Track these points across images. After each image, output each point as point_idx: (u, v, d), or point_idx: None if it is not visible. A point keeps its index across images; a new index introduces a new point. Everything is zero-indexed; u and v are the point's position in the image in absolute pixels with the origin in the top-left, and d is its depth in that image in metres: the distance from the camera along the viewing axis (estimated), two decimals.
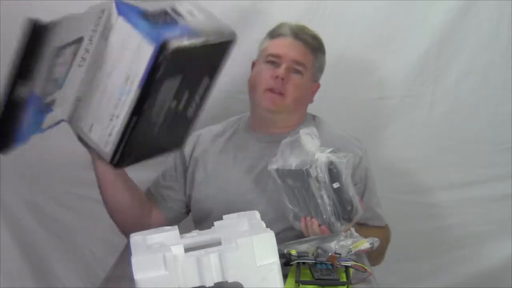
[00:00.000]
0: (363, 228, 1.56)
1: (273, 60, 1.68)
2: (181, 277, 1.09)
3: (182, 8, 1.26)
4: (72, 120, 1.32)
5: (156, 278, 1.07)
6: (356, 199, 1.46)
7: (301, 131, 1.46)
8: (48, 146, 2.12)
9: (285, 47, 1.68)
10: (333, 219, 1.43)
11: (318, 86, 1.79)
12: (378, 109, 2.07)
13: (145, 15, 1.21)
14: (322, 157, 1.41)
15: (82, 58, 1.25)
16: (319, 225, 1.44)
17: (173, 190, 1.78)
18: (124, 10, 1.22)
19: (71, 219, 2.17)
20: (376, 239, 1.39)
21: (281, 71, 1.65)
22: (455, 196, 2.11)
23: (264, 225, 1.19)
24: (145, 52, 1.19)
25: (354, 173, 1.65)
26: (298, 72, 1.67)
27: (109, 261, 1.95)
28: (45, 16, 2.02)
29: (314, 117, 1.80)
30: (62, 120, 1.32)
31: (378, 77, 2.06)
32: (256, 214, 1.24)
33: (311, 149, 1.43)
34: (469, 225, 2.12)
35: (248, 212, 1.25)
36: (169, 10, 1.23)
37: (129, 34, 1.21)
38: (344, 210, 1.43)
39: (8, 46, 2.04)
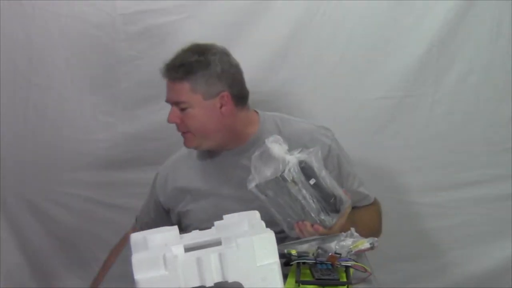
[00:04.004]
0: (354, 211, 1.56)
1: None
2: (181, 277, 1.09)
3: None
4: None
5: (156, 278, 1.07)
6: (338, 190, 1.46)
7: (266, 141, 1.45)
8: (48, 147, 2.14)
9: (166, 92, 1.66)
10: (322, 215, 1.43)
11: (226, 95, 1.64)
12: (378, 109, 2.07)
13: None
14: (292, 158, 1.42)
15: None
16: (312, 225, 1.44)
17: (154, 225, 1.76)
18: None
19: (71, 219, 2.17)
20: (376, 238, 1.39)
21: (168, 118, 1.66)
22: (455, 196, 2.11)
23: (264, 225, 1.19)
24: None
25: (326, 163, 1.62)
26: (185, 108, 1.64)
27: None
28: (45, 16, 2.05)
29: (273, 116, 1.74)
30: None
31: (378, 77, 2.06)
32: (256, 214, 1.24)
33: (281, 155, 1.43)
34: (469, 225, 2.12)
35: (248, 212, 1.25)
36: None
37: None
38: (328, 203, 1.43)
39: (8, 46, 2.06)
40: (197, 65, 1.63)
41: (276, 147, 1.43)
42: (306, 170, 1.42)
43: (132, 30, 2.04)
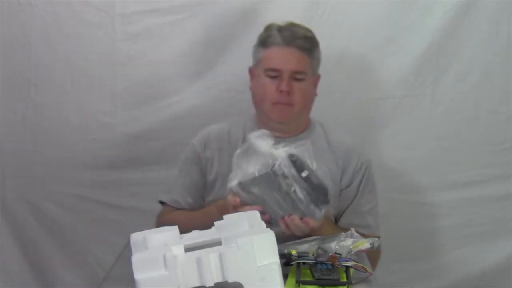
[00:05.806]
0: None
1: (274, 75, 1.64)
2: (181, 277, 1.09)
3: None
4: None
5: (156, 278, 1.07)
6: (327, 180, 1.44)
7: (250, 136, 1.43)
8: (48, 147, 2.14)
9: (282, 59, 1.63)
10: (312, 207, 1.41)
11: (319, 77, 1.74)
12: (378, 109, 2.07)
13: None
14: (281, 153, 1.40)
15: None
16: (301, 219, 1.42)
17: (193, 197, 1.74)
18: None
19: (71, 220, 2.17)
20: (376, 239, 1.39)
21: (284, 86, 1.62)
22: (455, 196, 2.11)
23: (264, 225, 1.19)
24: None
25: (354, 177, 1.67)
26: (300, 80, 1.64)
27: (109, 261, 1.96)
28: (44, 16, 2.05)
29: (321, 124, 1.77)
30: None
31: (378, 77, 2.06)
32: (256, 214, 1.24)
33: (267, 150, 1.41)
34: (469, 225, 2.12)
35: (248, 212, 1.25)
36: None
37: None
38: (318, 194, 1.42)
39: (8, 46, 2.06)
40: (316, 42, 1.69)
41: (262, 142, 1.41)
42: (297, 163, 1.40)
43: (132, 30, 2.04)
